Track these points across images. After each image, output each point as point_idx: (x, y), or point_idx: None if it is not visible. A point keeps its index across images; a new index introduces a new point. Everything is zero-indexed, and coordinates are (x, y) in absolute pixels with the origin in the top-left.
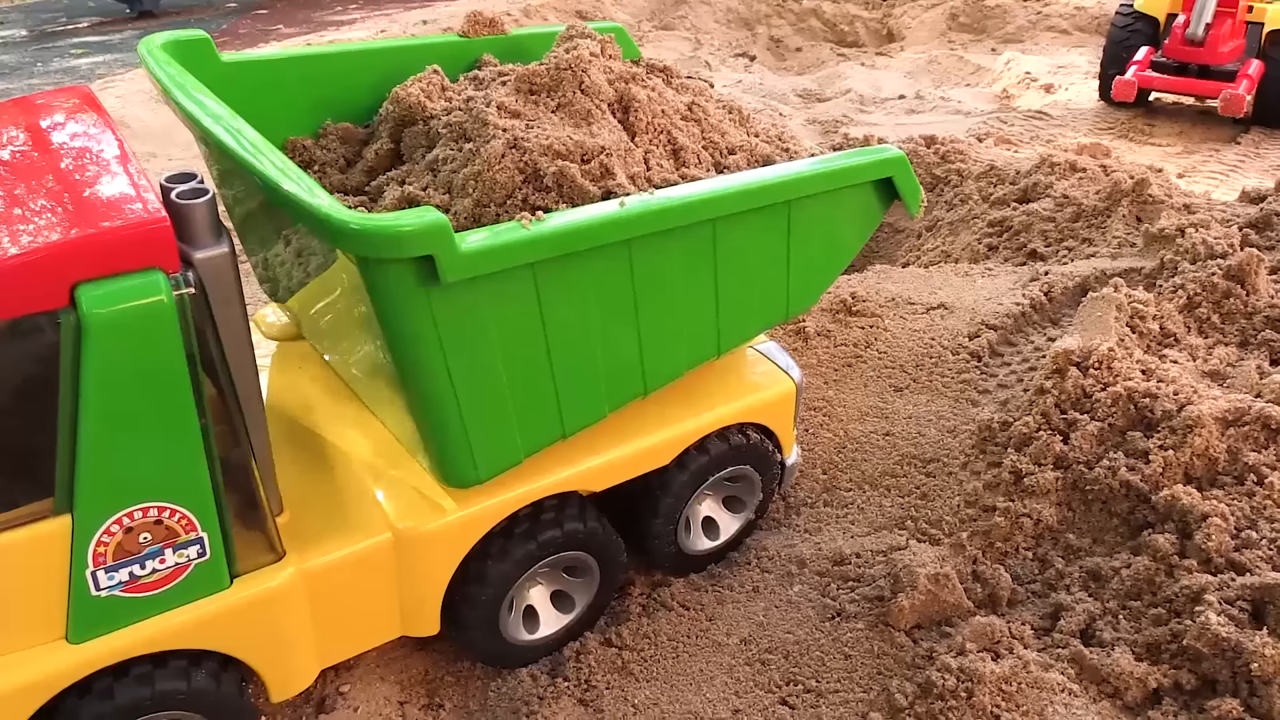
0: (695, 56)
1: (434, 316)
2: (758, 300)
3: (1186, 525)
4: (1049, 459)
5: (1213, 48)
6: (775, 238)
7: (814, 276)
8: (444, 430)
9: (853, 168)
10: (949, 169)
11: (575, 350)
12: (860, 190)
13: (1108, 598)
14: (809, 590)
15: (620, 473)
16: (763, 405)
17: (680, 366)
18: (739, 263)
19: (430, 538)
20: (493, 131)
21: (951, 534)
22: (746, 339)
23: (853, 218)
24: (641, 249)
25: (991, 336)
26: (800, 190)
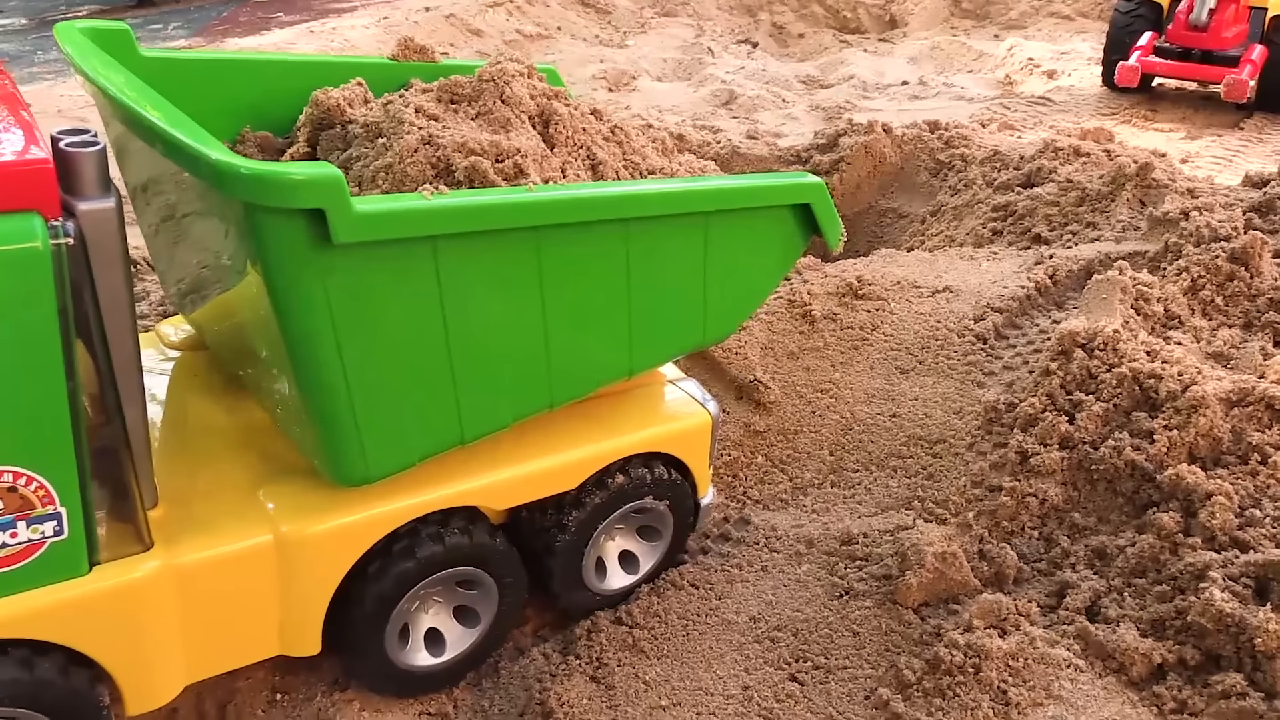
0: (697, 43)
1: (325, 284)
2: (673, 320)
3: (1191, 504)
4: (1054, 439)
5: (1216, 33)
6: (691, 254)
7: (732, 303)
8: (333, 418)
9: (769, 187)
10: (953, 154)
11: (477, 345)
12: (779, 216)
13: (1113, 575)
14: (817, 569)
15: (524, 491)
16: (677, 436)
17: (590, 381)
18: (653, 275)
19: (316, 541)
20: (408, 129)
21: (958, 514)
22: (660, 361)
23: (771, 246)
24: (551, 241)
25: (997, 319)
26: (716, 202)
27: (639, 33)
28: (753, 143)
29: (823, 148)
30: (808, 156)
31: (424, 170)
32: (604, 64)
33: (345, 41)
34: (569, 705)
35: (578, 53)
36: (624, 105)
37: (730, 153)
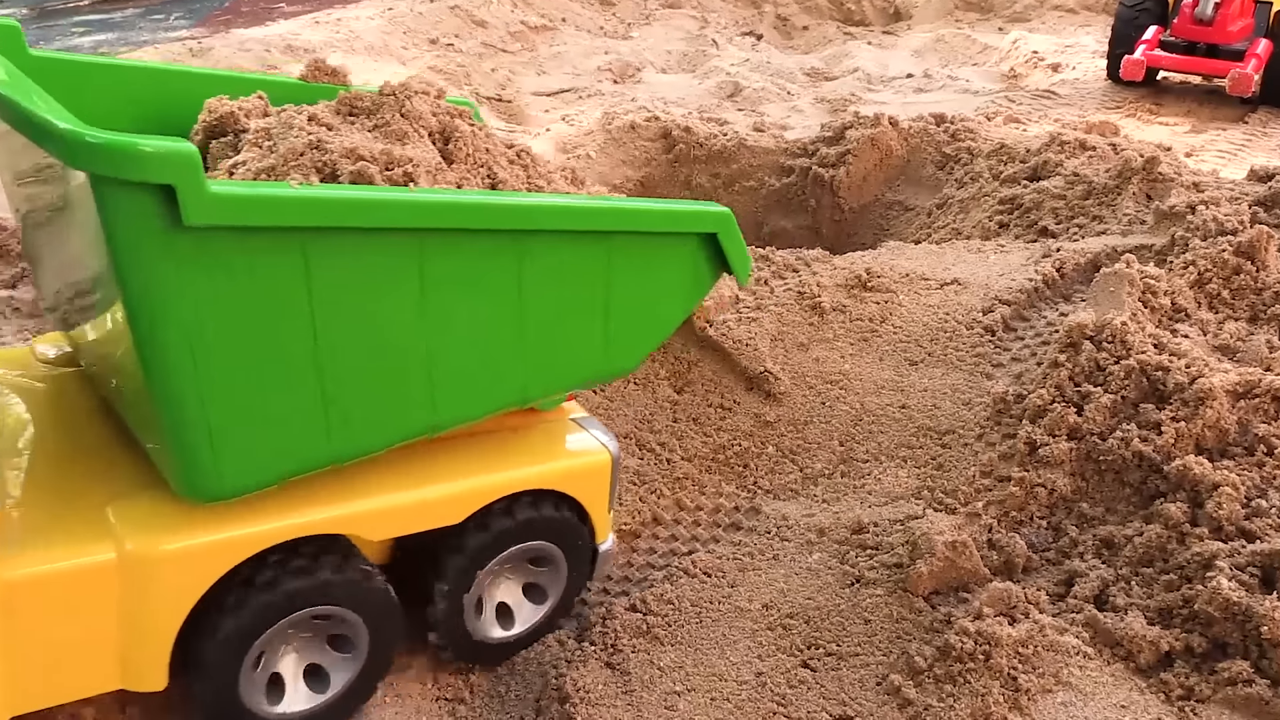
0: (702, 35)
1: (176, 272)
2: (571, 346)
3: (1198, 494)
4: (1063, 430)
5: (1221, 27)
6: (591, 277)
7: (635, 334)
8: (183, 425)
9: (673, 212)
10: (959, 147)
11: (350, 356)
12: (685, 245)
13: (1121, 565)
14: (828, 558)
15: (402, 522)
16: (573, 473)
17: (479, 406)
18: (550, 296)
19: (164, 561)
20: (296, 133)
21: (967, 503)
22: (558, 389)
23: (677, 275)
24: (436, 248)
25: (1005, 311)
26: (616, 222)
27: (643, 25)
28: (759, 135)
29: (829, 140)
30: (814, 149)
31: (308, 174)
32: (609, 55)
33: (350, 32)
34: (585, 691)
35: (582, 44)
36: (629, 98)
37: (737, 145)
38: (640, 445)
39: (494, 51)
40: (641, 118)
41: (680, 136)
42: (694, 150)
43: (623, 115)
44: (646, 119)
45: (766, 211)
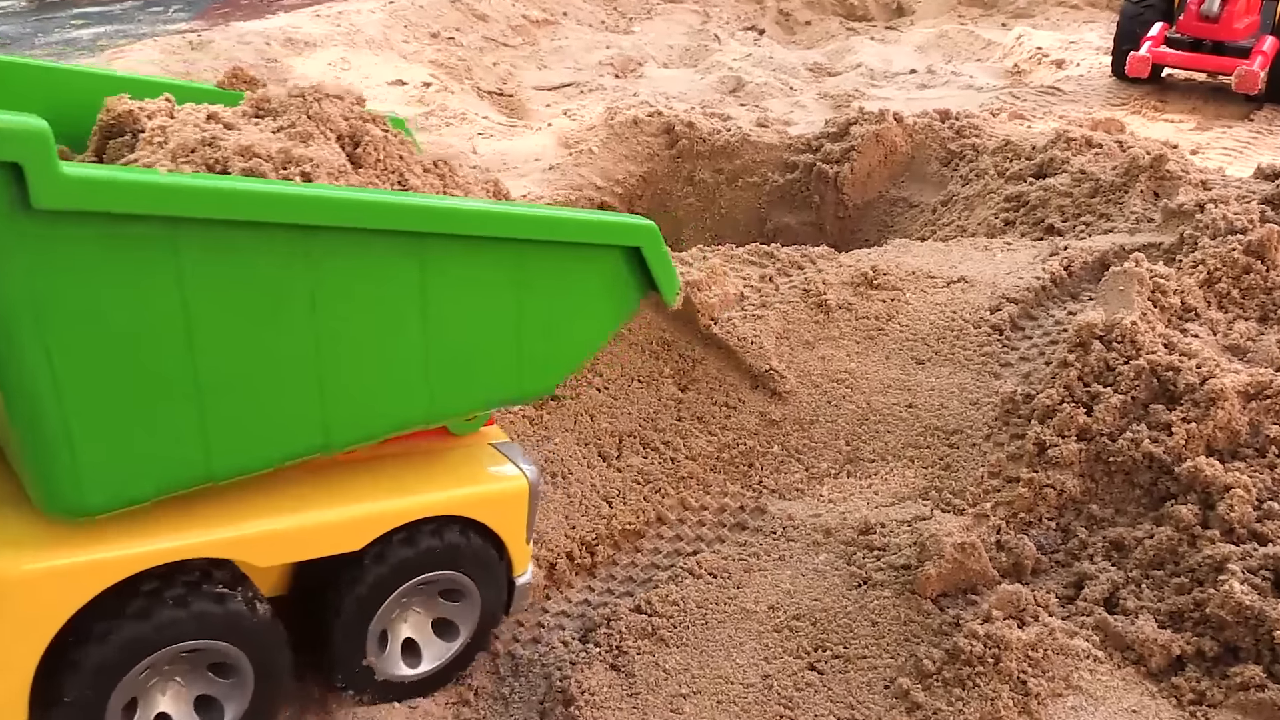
0: (704, 29)
1: (27, 261)
2: (480, 363)
3: (1209, 496)
4: (1072, 430)
5: (1227, 24)
6: (502, 288)
7: (552, 352)
8: (40, 431)
9: (592, 223)
10: (964, 143)
11: (230, 363)
12: (606, 259)
13: (1131, 567)
14: (835, 559)
15: (294, 547)
16: (486, 499)
17: (378, 423)
18: (456, 307)
19: (18, 583)
20: (191, 130)
21: (975, 504)
22: (466, 409)
23: (598, 291)
24: (325, 249)
25: (1012, 310)
26: (528, 230)
27: (645, 19)
28: (763, 130)
29: (833, 136)
30: (818, 145)
31: (198, 169)
32: (610, 50)
33: (351, 26)
34: (589, 693)
35: (584, 39)
36: (631, 92)
37: (740, 140)
38: (644, 444)
39: (495, 45)
40: (644, 113)
41: (683, 132)
42: (697, 145)
43: (625, 110)
44: (649, 114)
45: (770, 207)
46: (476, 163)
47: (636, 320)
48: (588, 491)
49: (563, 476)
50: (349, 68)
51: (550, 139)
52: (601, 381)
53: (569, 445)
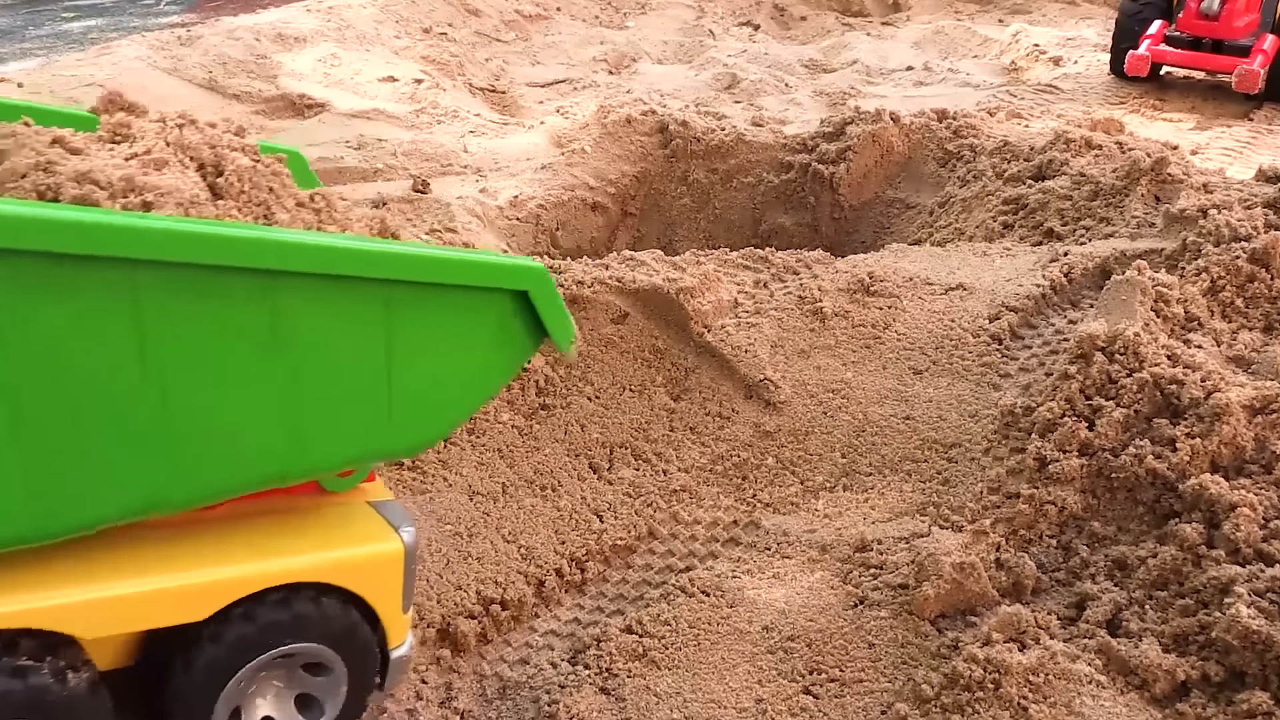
0: (699, 24)
1: None
2: (346, 415)
3: (1214, 515)
4: (1074, 445)
5: (1227, 22)
6: (369, 333)
7: (430, 404)
8: None
9: (472, 263)
10: (961, 144)
11: (50, 410)
12: (490, 303)
13: (1134, 587)
14: (831, 577)
15: (131, 616)
16: (354, 564)
17: (224, 480)
18: (314, 354)
19: None
20: (27, 154)
21: (974, 520)
22: (329, 465)
23: (483, 338)
24: (155, 286)
25: (1012, 319)
26: (397, 269)
27: (639, 14)
28: (758, 130)
29: (829, 136)
30: (814, 145)
31: (27, 197)
32: (604, 45)
33: (342, 21)
34: (578, 718)
35: (578, 34)
36: (625, 89)
37: (735, 140)
38: (636, 455)
39: (487, 41)
40: (638, 111)
41: (677, 131)
42: (691, 145)
43: (618, 109)
44: (643, 113)
45: (765, 208)
46: (468, 162)
47: (629, 327)
48: (578, 505)
49: (552, 489)
50: (339, 64)
51: (542, 138)
52: (593, 390)
53: (559, 456)
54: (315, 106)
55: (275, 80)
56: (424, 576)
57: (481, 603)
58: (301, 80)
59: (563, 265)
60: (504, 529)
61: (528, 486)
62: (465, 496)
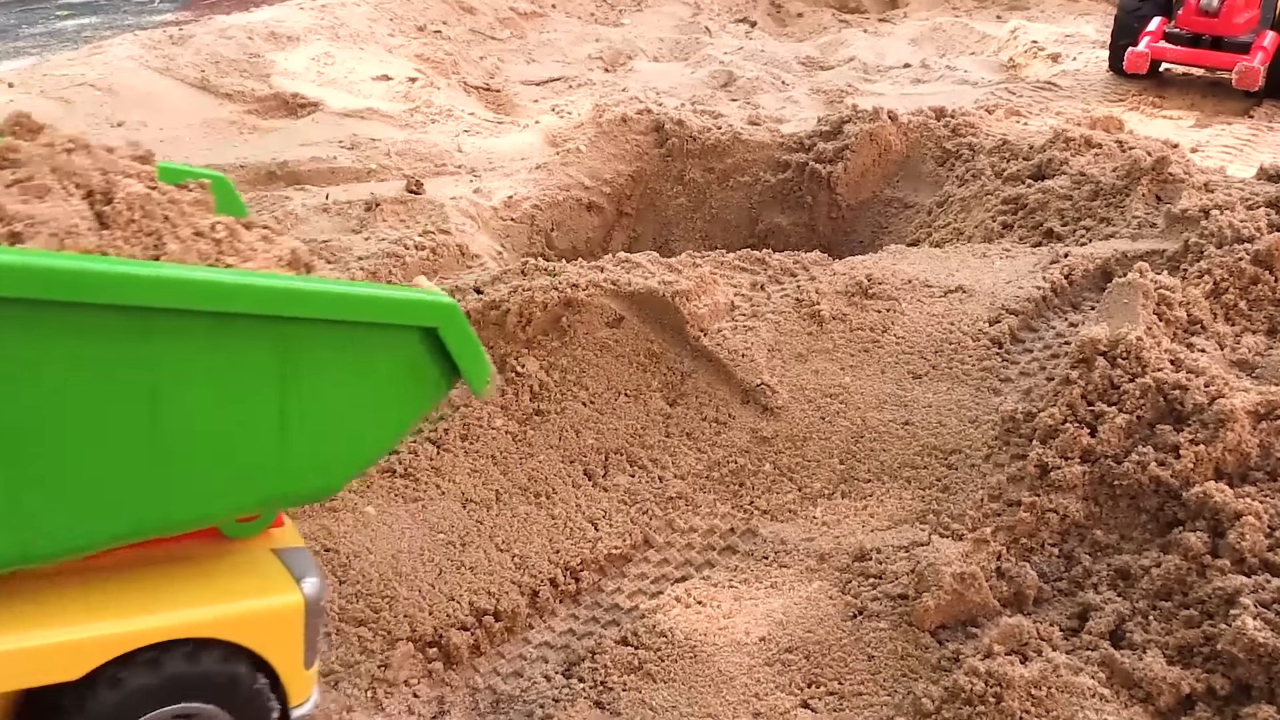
0: (695, 22)
1: None
2: (234, 460)
3: (1219, 523)
4: (1076, 452)
5: (1227, 19)
6: (258, 373)
7: (330, 447)
8: None
9: (377, 298)
10: (960, 142)
11: None
12: (398, 340)
13: (1137, 597)
14: (829, 587)
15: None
16: (248, 618)
17: (99, 530)
18: (197, 395)
19: None
20: None
21: (975, 529)
22: (215, 513)
23: (388, 378)
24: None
25: (1012, 322)
26: (291, 305)
27: (635, 11)
28: (754, 128)
29: (826, 135)
30: (811, 144)
31: None
32: (599, 43)
33: (335, 19)
34: None
35: (573, 31)
36: (621, 88)
37: (731, 138)
38: (631, 461)
39: (482, 39)
40: (633, 110)
41: (673, 130)
42: (687, 144)
43: (614, 107)
44: (638, 112)
45: (762, 208)
46: (462, 162)
47: (624, 331)
48: (573, 513)
49: (547, 497)
50: (332, 62)
51: (537, 137)
52: (587, 395)
53: (553, 463)
54: (308, 106)
55: (268, 79)
56: (417, 587)
57: (474, 614)
58: (295, 79)
59: (557, 268)
60: (497, 537)
61: (521, 494)
62: (458, 504)
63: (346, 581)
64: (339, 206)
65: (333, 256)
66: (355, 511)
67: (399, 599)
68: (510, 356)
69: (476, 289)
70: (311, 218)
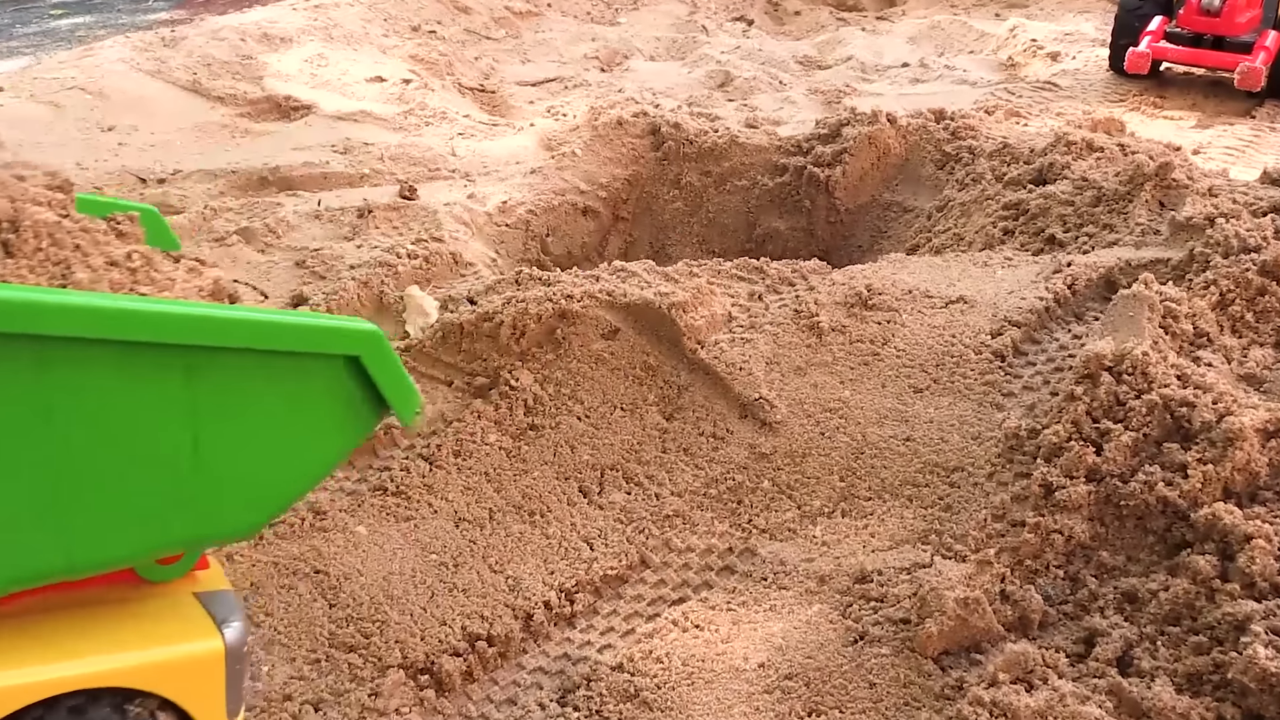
0: (691, 20)
1: None
2: (143, 500)
3: (1228, 546)
4: (1081, 471)
5: (1229, 18)
6: (167, 407)
7: (252, 484)
8: None
9: (293, 326)
10: (960, 145)
11: None
12: (315, 370)
13: (1144, 622)
14: (830, 610)
15: None
16: (164, 666)
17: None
18: (98, 430)
19: None
20: None
21: (978, 549)
22: (124, 555)
23: (310, 411)
24: None
25: (1015, 334)
26: (200, 334)
27: (631, 9)
28: (752, 131)
29: (824, 138)
30: (809, 147)
31: None
32: (595, 42)
33: (329, 20)
34: None
35: (569, 30)
36: (617, 88)
37: (729, 142)
38: (628, 478)
39: (477, 39)
40: (629, 113)
41: (669, 133)
42: (684, 147)
43: (609, 110)
44: (634, 115)
45: (759, 212)
46: (456, 166)
47: (619, 343)
48: (567, 532)
49: (541, 515)
50: (326, 64)
51: (532, 140)
52: (583, 409)
53: (548, 480)
54: (301, 109)
55: (260, 82)
56: (408, 611)
57: (467, 639)
58: (288, 82)
59: (552, 277)
60: (491, 558)
61: (515, 512)
62: (451, 523)
63: (337, 605)
64: (331, 213)
65: (324, 265)
66: (346, 531)
67: (390, 623)
68: (504, 369)
69: (470, 299)
70: (303, 225)
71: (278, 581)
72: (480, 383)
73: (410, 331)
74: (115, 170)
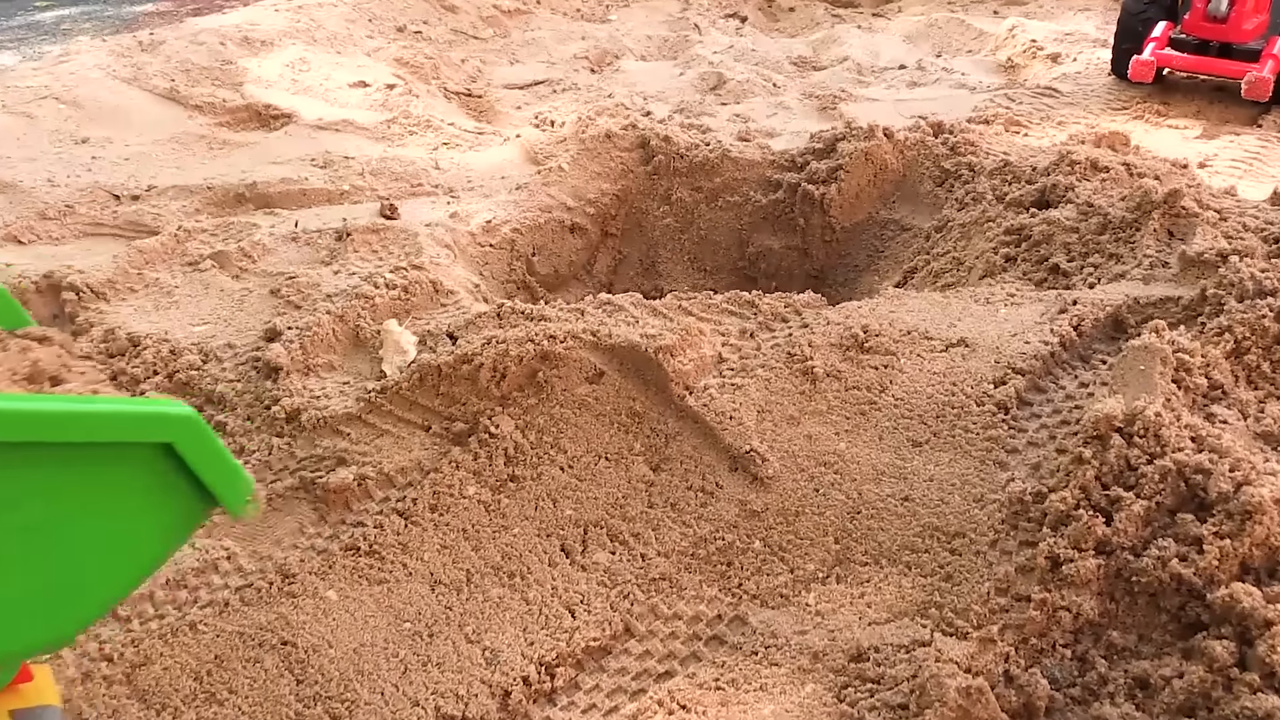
0: (684, 18)
1: None
2: None
3: (1247, 630)
4: (1090, 543)
5: (1236, 24)
6: None
7: (62, 592)
8: None
9: (96, 415)
10: (959, 162)
11: None
12: (128, 460)
13: (1158, 712)
14: (823, 691)
15: None
16: None
17: None
18: None
19: None
20: None
21: (981, 626)
22: None
23: (125, 503)
24: None
25: (1019, 383)
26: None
27: (622, 7)
28: (744, 145)
29: (819, 153)
30: (804, 162)
31: None
32: (585, 41)
33: (311, 21)
34: None
35: (558, 29)
36: (606, 92)
37: (720, 156)
38: (612, 536)
39: (464, 39)
40: (618, 125)
41: (659, 147)
42: (674, 162)
43: (597, 119)
44: (623, 127)
45: (752, 229)
46: (439, 181)
47: (604, 387)
48: (548, 597)
49: (521, 578)
50: (308, 68)
51: (517, 153)
52: (565, 459)
53: (528, 537)
54: (281, 117)
55: (240, 88)
56: (379, 689)
57: None
58: (268, 88)
59: (536, 311)
60: (468, 626)
61: (494, 574)
62: (426, 587)
63: (304, 681)
64: (308, 235)
65: (299, 294)
66: (316, 597)
67: (359, 703)
68: (484, 414)
69: (450, 334)
70: (279, 248)
71: (243, 654)
72: (459, 429)
73: (387, 371)
74: (88, 186)
